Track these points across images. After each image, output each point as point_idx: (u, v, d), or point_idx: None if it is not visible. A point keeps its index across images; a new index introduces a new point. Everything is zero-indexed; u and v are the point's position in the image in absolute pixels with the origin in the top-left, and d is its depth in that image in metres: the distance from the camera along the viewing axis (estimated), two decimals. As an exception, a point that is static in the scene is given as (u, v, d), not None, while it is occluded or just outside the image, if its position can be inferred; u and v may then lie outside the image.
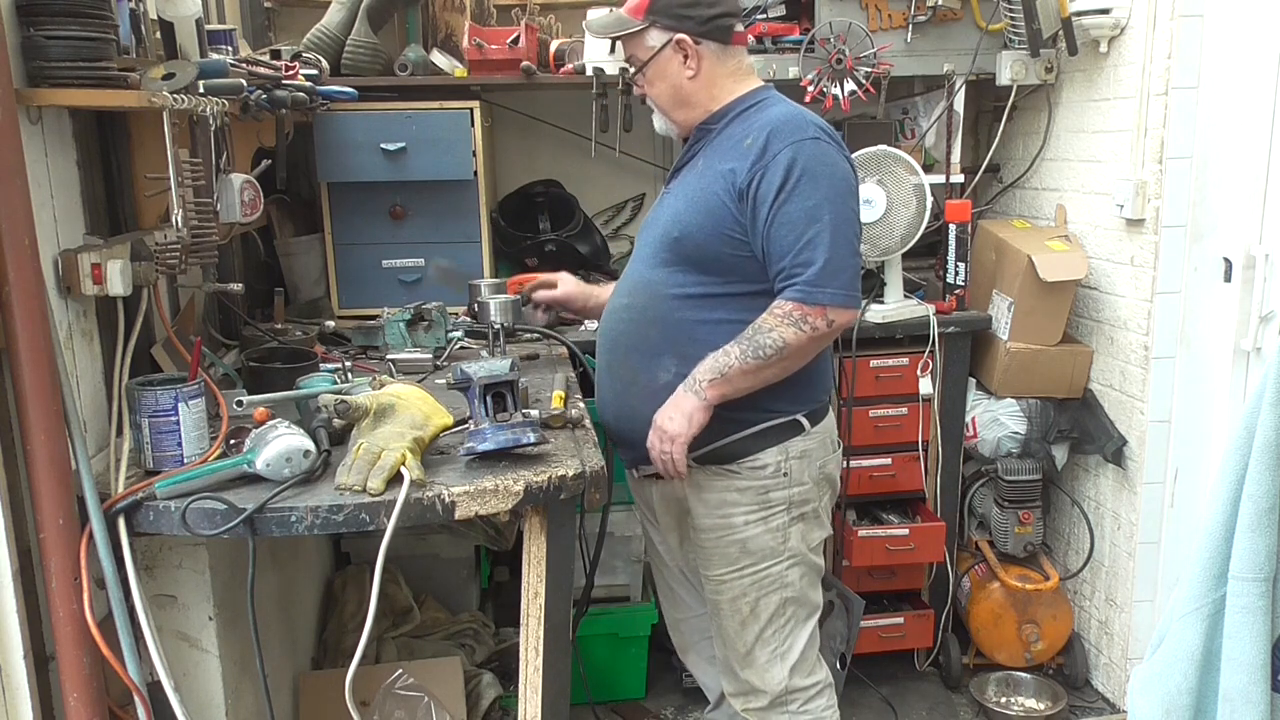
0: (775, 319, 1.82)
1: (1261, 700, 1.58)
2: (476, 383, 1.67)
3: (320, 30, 2.90)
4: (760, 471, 1.94)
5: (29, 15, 1.59)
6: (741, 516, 1.96)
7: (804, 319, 1.81)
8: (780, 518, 1.96)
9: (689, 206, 1.91)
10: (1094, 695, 2.96)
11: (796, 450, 1.96)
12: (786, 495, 1.96)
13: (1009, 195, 3.30)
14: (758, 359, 1.82)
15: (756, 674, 2.02)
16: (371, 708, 2.28)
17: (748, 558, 1.97)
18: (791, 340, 1.81)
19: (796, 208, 1.80)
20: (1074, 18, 2.72)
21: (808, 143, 1.82)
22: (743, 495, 1.95)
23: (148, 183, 1.93)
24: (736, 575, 1.98)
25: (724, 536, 1.97)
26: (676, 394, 1.87)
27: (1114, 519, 2.85)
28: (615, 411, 2.04)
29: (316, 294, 2.97)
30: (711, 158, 1.93)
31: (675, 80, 1.95)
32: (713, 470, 1.96)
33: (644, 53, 1.96)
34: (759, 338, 1.82)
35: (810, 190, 1.80)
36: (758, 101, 1.95)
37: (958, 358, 2.87)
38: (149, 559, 1.77)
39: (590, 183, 3.36)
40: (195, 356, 1.83)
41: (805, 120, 1.87)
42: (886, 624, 2.93)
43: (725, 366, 1.83)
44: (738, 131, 1.91)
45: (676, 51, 1.93)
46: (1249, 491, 1.57)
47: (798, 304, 1.81)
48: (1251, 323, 2.44)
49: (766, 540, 1.96)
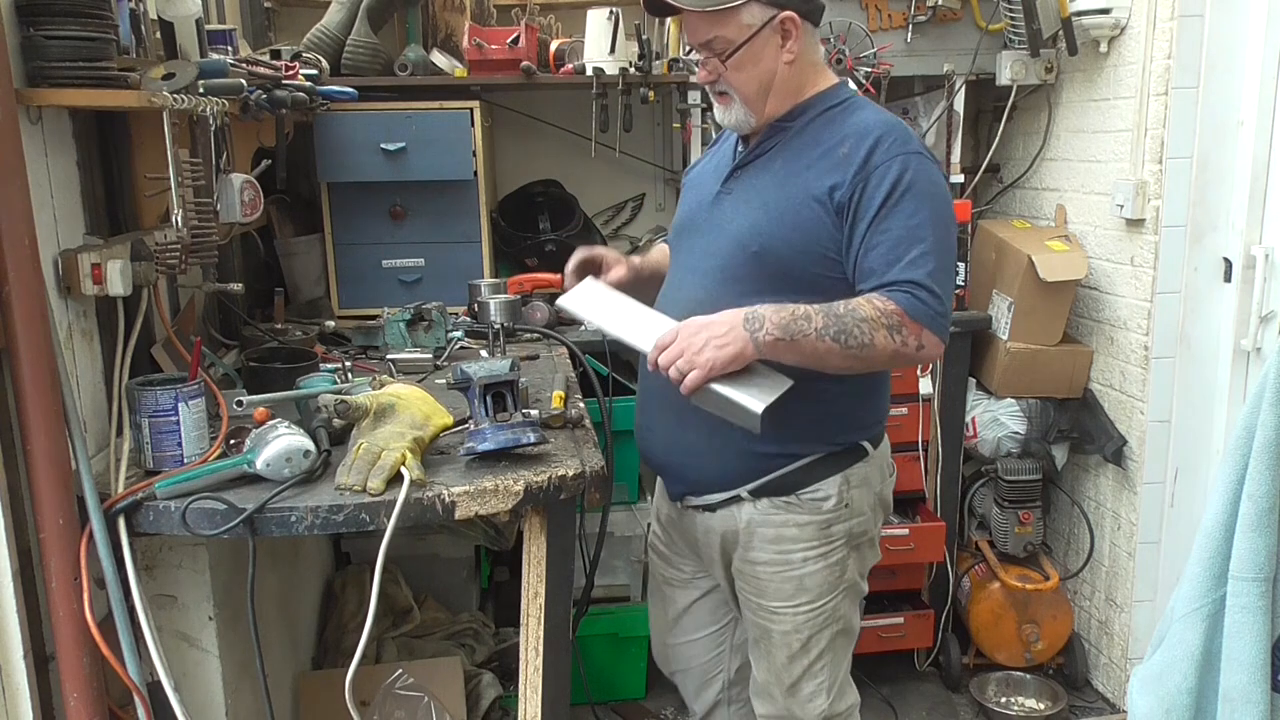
0: (874, 311, 1.58)
1: (1261, 700, 1.58)
2: (476, 383, 1.67)
3: (320, 30, 2.90)
4: (821, 504, 1.76)
5: (29, 15, 1.59)
6: (800, 553, 1.77)
7: (902, 328, 1.58)
8: (839, 551, 1.79)
9: (771, 218, 1.68)
10: (1094, 695, 2.96)
11: (858, 478, 1.78)
12: (847, 528, 1.79)
13: (1009, 195, 3.30)
14: (836, 344, 1.57)
15: (799, 704, 1.86)
16: (371, 708, 2.28)
17: (804, 594, 1.79)
18: (880, 345, 1.58)
19: (899, 224, 1.61)
20: (1074, 18, 2.72)
21: (914, 157, 1.64)
22: (802, 531, 1.77)
23: (148, 183, 1.93)
24: (792, 611, 1.81)
25: (780, 572, 1.79)
26: (730, 318, 1.59)
27: (1114, 519, 2.85)
28: (665, 441, 1.85)
29: (316, 294, 2.97)
30: (795, 163, 1.70)
31: (770, 65, 1.69)
32: (768, 503, 1.77)
33: (736, 32, 1.66)
34: (849, 323, 1.57)
35: (915, 208, 1.61)
36: (842, 101, 1.74)
37: (958, 358, 2.87)
38: (149, 559, 1.77)
39: (590, 183, 3.35)
40: (195, 356, 1.83)
41: (908, 132, 1.69)
42: (886, 624, 2.93)
43: (799, 332, 1.57)
44: (826, 136, 1.69)
45: (776, 32, 1.67)
46: (1249, 491, 1.57)
47: (901, 310, 1.57)
48: (1251, 323, 2.44)
49: (824, 576, 1.79)
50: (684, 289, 1.79)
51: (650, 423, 1.88)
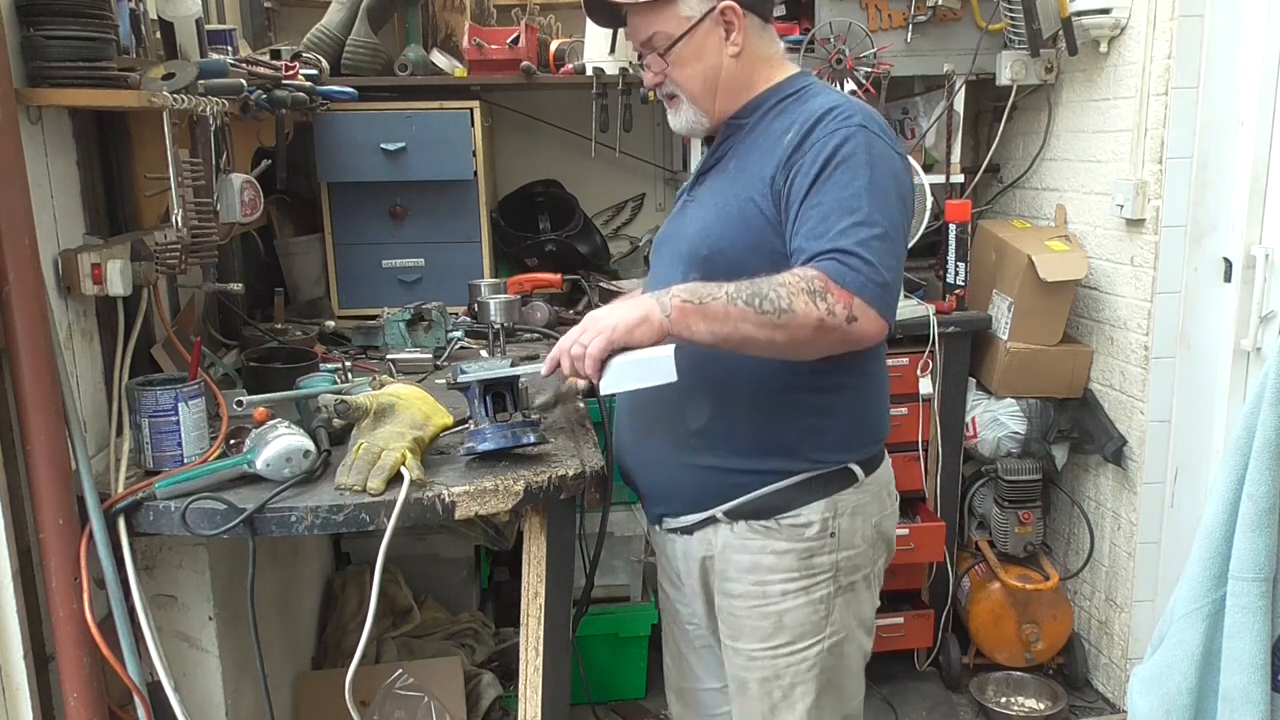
0: (794, 278, 1.42)
1: (1261, 700, 1.58)
2: (476, 383, 1.67)
3: (320, 30, 2.90)
4: (803, 531, 1.60)
5: (29, 15, 1.59)
6: (779, 585, 1.61)
7: (826, 294, 1.39)
8: (824, 588, 1.62)
9: (719, 219, 1.58)
10: (1094, 695, 2.96)
11: (848, 505, 1.62)
12: (833, 560, 1.62)
13: (1009, 195, 3.30)
14: (750, 308, 1.40)
15: None
16: (371, 708, 2.28)
17: (783, 634, 1.63)
18: (800, 311, 1.39)
19: (830, 196, 1.46)
20: (1074, 18, 2.72)
21: (858, 130, 1.49)
22: (781, 559, 1.61)
23: (148, 183, 1.93)
24: (769, 654, 1.64)
25: (757, 607, 1.63)
26: (641, 296, 1.51)
27: (1114, 519, 2.85)
28: (636, 459, 1.74)
29: (316, 294, 2.97)
30: (745, 159, 1.60)
31: (714, 60, 1.60)
32: (745, 527, 1.62)
33: (675, 26, 1.59)
34: (765, 288, 1.41)
35: (849, 178, 1.46)
36: (797, 90, 1.63)
37: (958, 358, 2.87)
38: (149, 559, 1.77)
39: (590, 183, 3.36)
40: (195, 356, 1.83)
41: (853, 108, 1.54)
42: (886, 624, 2.93)
43: (709, 296, 1.42)
44: (777, 126, 1.58)
45: (718, 23, 1.59)
46: (1249, 491, 1.57)
47: (824, 275, 1.40)
48: (1251, 323, 2.44)
49: (806, 614, 1.62)
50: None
51: (624, 438, 1.77)
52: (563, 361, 1.49)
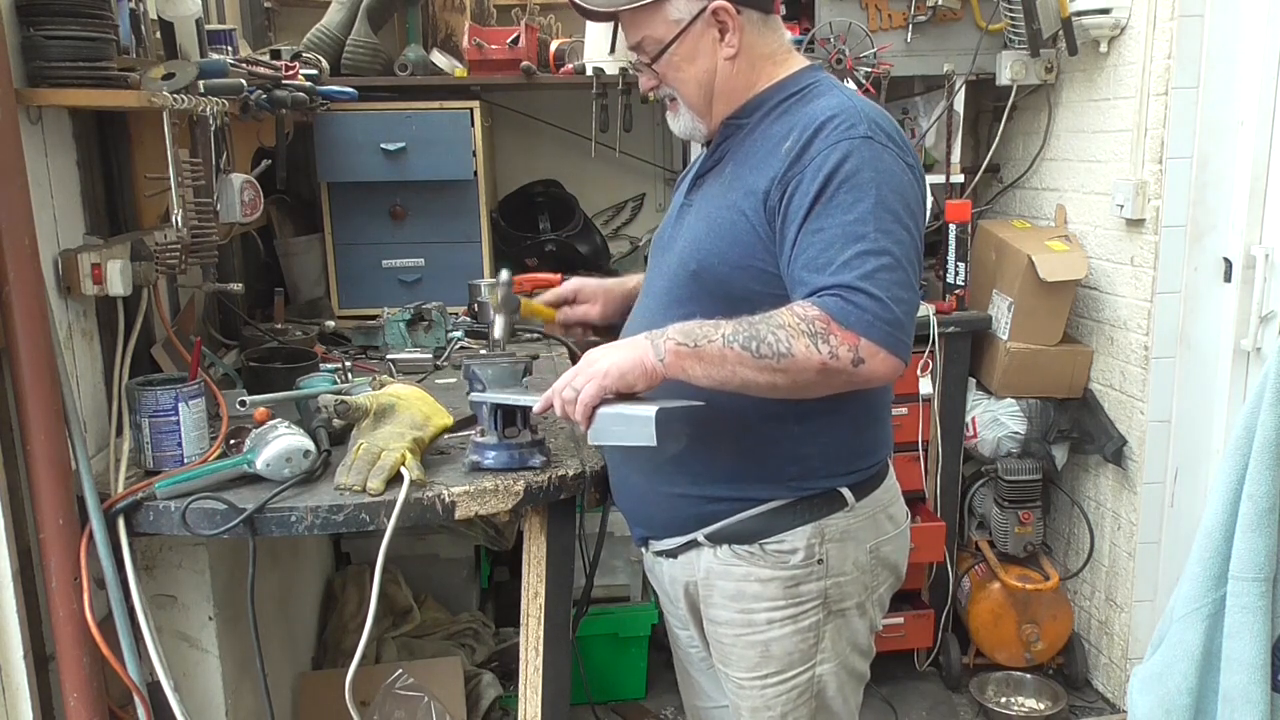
0: (793, 318, 1.33)
1: (1261, 700, 1.58)
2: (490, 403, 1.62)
3: (320, 30, 2.91)
4: (787, 558, 1.51)
5: (29, 15, 1.59)
6: (764, 614, 1.54)
7: (829, 336, 1.31)
8: (812, 616, 1.54)
9: (709, 232, 1.49)
10: (1094, 695, 2.96)
11: (835, 530, 1.52)
12: (820, 588, 1.53)
13: (1009, 195, 3.30)
14: (747, 352, 1.33)
15: None
16: (371, 708, 2.28)
17: (770, 664, 1.55)
18: (800, 355, 1.31)
19: (834, 221, 1.35)
20: (1074, 18, 2.72)
21: (862, 143, 1.38)
22: (765, 587, 1.53)
23: (148, 183, 1.93)
24: (758, 684, 1.57)
25: (743, 636, 1.56)
26: (635, 338, 1.41)
27: (1114, 519, 2.85)
28: (616, 482, 1.68)
29: (316, 294, 2.97)
30: (742, 165, 1.49)
31: (708, 63, 1.51)
32: (729, 551, 1.54)
33: (665, 30, 1.50)
34: (763, 330, 1.33)
35: (854, 199, 1.35)
36: (802, 89, 1.51)
37: (958, 358, 2.87)
38: (149, 559, 1.77)
39: (590, 183, 3.36)
40: (195, 356, 1.83)
41: (858, 114, 1.42)
42: (887, 624, 2.85)
43: (704, 338, 1.35)
44: (777, 130, 1.47)
45: (711, 25, 1.49)
46: (1249, 491, 1.57)
47: (826, 316, 1.31)
48: (1251, 323, 2.44)
49: (794, 643, 1.54)
50: (638, 314, 1.64)
51: (607, 460, 1.70)
52: (555, 403, 1.43)
